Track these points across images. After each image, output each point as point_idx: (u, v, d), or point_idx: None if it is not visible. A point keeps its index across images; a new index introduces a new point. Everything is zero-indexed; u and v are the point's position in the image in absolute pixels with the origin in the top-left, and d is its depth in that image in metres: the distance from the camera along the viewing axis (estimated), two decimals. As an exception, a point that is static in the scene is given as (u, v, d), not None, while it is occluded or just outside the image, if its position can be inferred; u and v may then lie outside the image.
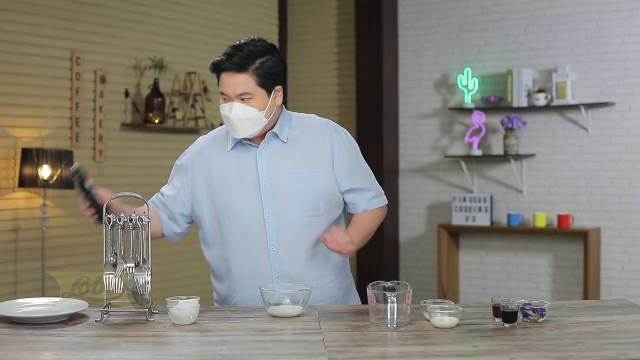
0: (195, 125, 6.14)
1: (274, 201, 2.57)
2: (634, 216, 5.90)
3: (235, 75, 2.52)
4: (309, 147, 2.63)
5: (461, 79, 6.40)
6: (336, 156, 2.63)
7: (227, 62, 2.52)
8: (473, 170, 6.52)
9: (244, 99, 2.53)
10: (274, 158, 2.61)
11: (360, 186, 2.67)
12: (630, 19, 5.90)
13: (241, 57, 2.52)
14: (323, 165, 2.62)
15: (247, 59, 2.53)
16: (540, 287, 6.24)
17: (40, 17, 5.17)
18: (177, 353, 2.02)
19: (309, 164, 2.61)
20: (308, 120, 2.70)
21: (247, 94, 2.53)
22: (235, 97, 2.53)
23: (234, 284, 2.63)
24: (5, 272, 5.00)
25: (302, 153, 2.62)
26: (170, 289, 5.78)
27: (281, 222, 2.57)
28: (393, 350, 2.04)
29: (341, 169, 2.64)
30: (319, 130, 2.67)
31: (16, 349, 2.02)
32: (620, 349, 1.99)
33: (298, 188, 2.58)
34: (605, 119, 5.99)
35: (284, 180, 2.58)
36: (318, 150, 2.63)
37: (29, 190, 5.08)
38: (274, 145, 2.62)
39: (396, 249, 6.82)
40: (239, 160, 2.62)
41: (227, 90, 2.54)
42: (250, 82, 2.53)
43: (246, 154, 2.63)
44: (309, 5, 7.30)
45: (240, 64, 2.52)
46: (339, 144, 2.65)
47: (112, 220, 2.36)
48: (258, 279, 2.57)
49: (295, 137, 2.64)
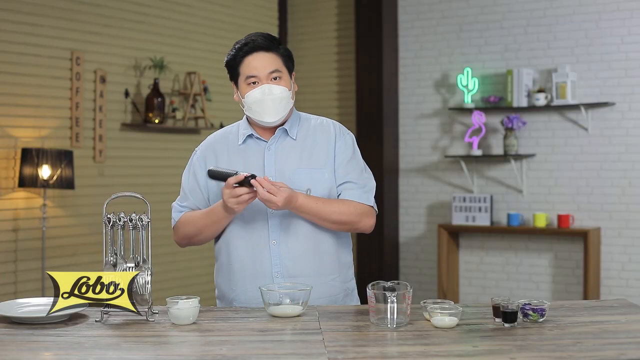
0: (195, 125, 6.14)
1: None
2: (634, 216, 5.90)
3: (264, 54, 2.57)
4: (316, 145, 2.65)
5: (461, 79, 6.40)
6: (337, 152, 2.65)
7: (251, 44, 2.57)
8: (473, 170, 6.52)
9: (276, 77, 2.57)
10: (281, 154, 2.62)
11: (354, 181, 2.65)
12: (630, 19, 5.90)
13: (265, 39, 2.59)
14: (327, 163, 2.64)
15: (270, 40, 2.60)
16: (540, 287, 6.24)
17: (40, 17, 5.17)
18: (177, 353, 2.02)
19: (314, 161, 2.63)
20: (316, 120, 2.72)
21: (278, 71, 2.58)
22: (266, 76, 2.56)
23: (235, 277, 2.63)
24: (5, 272, 5.00)
25: (308, 151, 2.64)
26: (170, 289, 5.79)
27: (284, 217, 2.58)
28: (393, 350, 2.04)
29: (339, 163, 2.65)
30: (326, 129, 2.69)
31: (16, 349, 2.02)
32: (620, 349, 1.99)
33: (302, 184, 2.58)
34: (605, 119, 5.99)
35: (288, 176, 2.59)
36: (323, 149, 2.65)
37: (29, 190, 5.08)
38: (283, 141, 2.64)
39: (396, 249, 6.82)
40: (247, 154, 2.64)
41: (258, 70, 2.56)
42: (278, 60, 2.59)
43: (255, 149, 2.64)
44: (309, 5, 7.31)
45: (266, 44, 2.57)
46: (340, 142, 2.67)
47: (112, 220, 2.36)
48: (258, 273, 2.58)
49: (303, 135, 2.66)
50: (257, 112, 2.59)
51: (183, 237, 2.68)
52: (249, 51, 2.57)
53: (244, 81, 2.59)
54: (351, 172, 2.65)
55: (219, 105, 6.40)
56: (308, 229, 2.60)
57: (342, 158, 2.65)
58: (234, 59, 2.60)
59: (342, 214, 2.58)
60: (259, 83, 2.57)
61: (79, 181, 5.26)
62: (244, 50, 2.57)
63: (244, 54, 2.57)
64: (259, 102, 2.56)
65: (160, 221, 3.91)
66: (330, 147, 2.65)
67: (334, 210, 2.57)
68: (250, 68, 2.57)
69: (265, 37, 2.59)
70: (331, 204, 2.58)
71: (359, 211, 2.61)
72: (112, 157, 5.64)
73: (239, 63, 2.59)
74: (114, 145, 5.66)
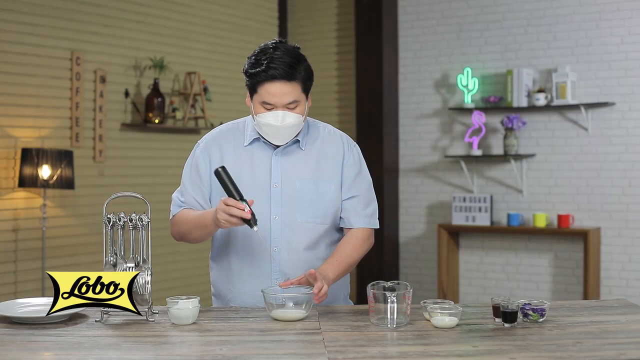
0: (195, 125, 6.14)
1: (282, 204, 2.57)
2: (634, 216, 5.90)
3: (285, 84, 2.47)
4: (323, 155, 2.64)
5: (461, 79, 6.40)
6: (345, 165, 2.65)
7: (274, 71, 2.45)
8: (473, 170, 6.52)
9: (291, 107, 2.50)
10: (288, 161, 2.60)
11: (360, 196, 2.66)
12: (630, 19, 5.90)
13: (289, 66, 2.46)
14: (334, 175, 2.63)
15: (295, 67, 2.48)
16: (540, 287, 6.24)
17: (40, 17, 5.17)
18: (177, 353, 2.02)
19: (321, 172, 2.62)
20: (324, 129, 2.70)
21: (295, 102, 2.50)
22: (283, 106, 2.49)
23: (234, 279, 2.63)
24: (5, 272, 5.00)
25: (316, 160, 2.62)
26: (170, 289, 5.79)
27: (286, 225, 2.57)
28: (393, 350, 2.04)
29: (346, 177, 2.64)
30: (334, 140, 2.68)
31: (16, 349, 2.02)
32: (620, 349, 2.00)
33: (308, 194, 2.58)
34: (605, 119, 5.99)
35: (294, 185, 2.58)
36: (330, 160, 2.64)
37: (29, 190, 5.08)
38: (291, 149, 2.62)
39: (396, 249, 6.82)
40: (253, 157, 2.61)
41: (275, 99, 2.48)
42: (298, 89, 2.50)
43: (261, 153, 2.61)
44: (309, 5, 7.31)
45: (289, 73, 2.46)
46: (349, 155, 2.66)
47: (112, 220, 2.36)
48: (257, 278, 2.58)
49: (311, 143, 2.64)
50: (266, 134, 2.55)
51: (176, 232, 2.66)
52: (270, 78, 2.45)
53: (259, 102, 2.51)
54: (358, 187, 2.66)
55: (219, 105, 6.40)
56: (308, 239, 2.59)
57: (350, 173, 2.65)
58: (254, 77, 2.49)
59: (356, 253, 2.63)
60: (274, 109, 2.50)
61: (79, 181, 5.26)
62: (266, 75, 2.46)
63: (265, 79, 2.46)
64: (270, 127, 2.51)
65: (160, 221, 3.91)
66: (338, 160, 2.64)
67: (353, 258, 2.62)
68: (269, 95, 2.47)
69: (290, 65, 2.46)
70: (346, 257, 2.59)
71: (365, 241, 2.67)
72: (112, 157, 5.64)
73: (258, 83, 2.48)
74: (114, 145, 5.66)
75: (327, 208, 2.61)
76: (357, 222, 2.65)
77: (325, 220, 2.62)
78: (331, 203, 2.62)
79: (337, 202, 2.63)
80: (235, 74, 6.60)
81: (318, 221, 2.60)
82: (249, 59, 2.53)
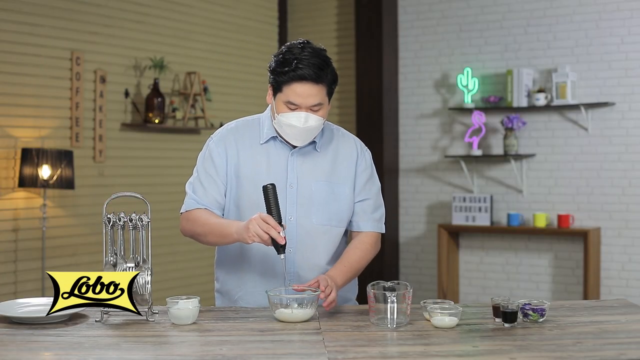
0: (195, 125, 6.14)
1: (297, 205, 2.57)
2: (634, 216, 5.90)
3: (312, 86, 2.45)
4: (338, 158, 2.65)
5: (461, 79, 6.40)
6: (358, 169, 2.66)
7: (302, 71, 2.43)
8: (473, 170, 6.52)
9: (315, 109, 2.49)
10: (304, 162, 2.60)
11: (370, 200, 2.67)
12: (630, 19, 5.89)
13: (318, 68, 2.45)
14: (347, 179, 2.64)
15: (323, 69, 2.46)
16: (540, 287, 6.24)
17: (40, 17, 5.17)
18: (177, 353, 2.02)
19: (336, 175, 2.62)
20: (338, 132, 2.71)
21: (320, 104, 2.49)
22: (307, 107, 2.48)
23: (244, 277, 2.62)
24: (5, 272, 5.00)
25: (330, 163, 2.63)
26: (170, 289, 5.79)
27: (301, 226, 2.57)
28: (393, 350, 2.04)
29: (359, 181, 2.66)
30: (348, 144, 2.69)
31: (16, 349, 2.02)
32: (620, 349, 2.00)
33: (323, 196, 2.59)
34: (605, 119, 5.99)
35: (310, 186, 2.58)
36: (345, 163, 2.65)
37: (29, 190, 5.08)
38: (308, 150, 2.61)
39: (396, 249, 6.83)
40: (269, 156, 2.60)
41: (301, 100, 2.46)
42: (323, 92, 2.49)
43: (278, 152, 2.60)
44: (309, 5, 7.31)
45: (317, 74, 2.44)
46: (362, 160, 2.68)
47: (112, 220, 2.36)
48: (269, 277, 2.58)
49: (326, 145, 2.65)
50: (286, 134, 2.54)
51: (189, 230, 2.60)
52: (298, 78, 2.44)
53: (283, 101, 2.49)
54: (369, 190, 2.68)
55: (219, 105, 6.40)
56: (322, 241, 2.60)
57: (363, 178, 2.67)
58: (281, 75, 2.46)
59: (364, 259, 2.63)
60: (298, 109, 2.48)
61: (79, 181, 5.26)
62: (295, 75, 2.44)
63: (292, 79, 2.44)
64: (292, 128, 2.50)
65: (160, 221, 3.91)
66: (352, 164, 2.65)
67: (361, 264, 2.61)
68: (295, 96, 2.46)
69: (318, 67, 2.44)
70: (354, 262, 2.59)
71: (373, 247, 2.67)
72: (112, 157, 5.64)
73: (284, 82, 2.46)
74: (114, 145, 5.66)
75: (341, 211, 2.62)
76: (366, 225, 2.66)
77: (340, 223, 2.63)
78: (346, 206, 2.63)
79: (351, 205, 2.64)
80: (236, 74, 6.61)
81: (334, 224, 2.61)
82: (276, 57, 2.51)
